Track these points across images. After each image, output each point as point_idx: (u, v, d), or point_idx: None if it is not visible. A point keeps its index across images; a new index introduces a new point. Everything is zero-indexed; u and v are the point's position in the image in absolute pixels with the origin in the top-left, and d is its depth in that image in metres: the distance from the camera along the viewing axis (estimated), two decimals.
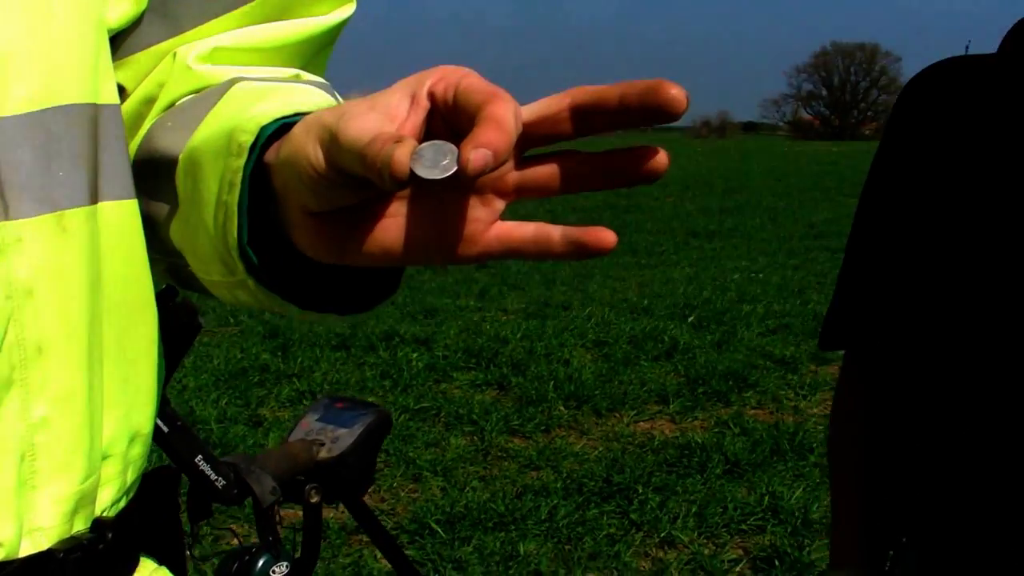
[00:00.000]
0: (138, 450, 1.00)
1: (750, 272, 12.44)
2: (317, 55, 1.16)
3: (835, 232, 16.06)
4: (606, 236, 0.74)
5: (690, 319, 9.54)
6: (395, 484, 5.52)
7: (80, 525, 0.91)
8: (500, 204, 0.78)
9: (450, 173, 0.69)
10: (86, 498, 0.92)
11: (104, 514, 0.95)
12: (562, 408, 6.84)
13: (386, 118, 0.73)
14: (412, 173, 0.68)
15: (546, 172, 0.78)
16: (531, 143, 0.76)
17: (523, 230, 0.77)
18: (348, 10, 1.17)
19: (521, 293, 10.97)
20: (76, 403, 0.89)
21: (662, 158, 0.74)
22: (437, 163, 0.69)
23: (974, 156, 1.46)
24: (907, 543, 1.61)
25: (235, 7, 1.08)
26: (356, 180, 0.73)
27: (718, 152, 54.92)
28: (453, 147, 0.69)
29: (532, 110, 0.76)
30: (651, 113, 0.71)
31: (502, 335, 8.82)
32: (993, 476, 1.43)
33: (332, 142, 0.73)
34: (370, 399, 6.75)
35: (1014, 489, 1.41)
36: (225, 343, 8.59)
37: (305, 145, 0.76)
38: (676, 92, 0.70)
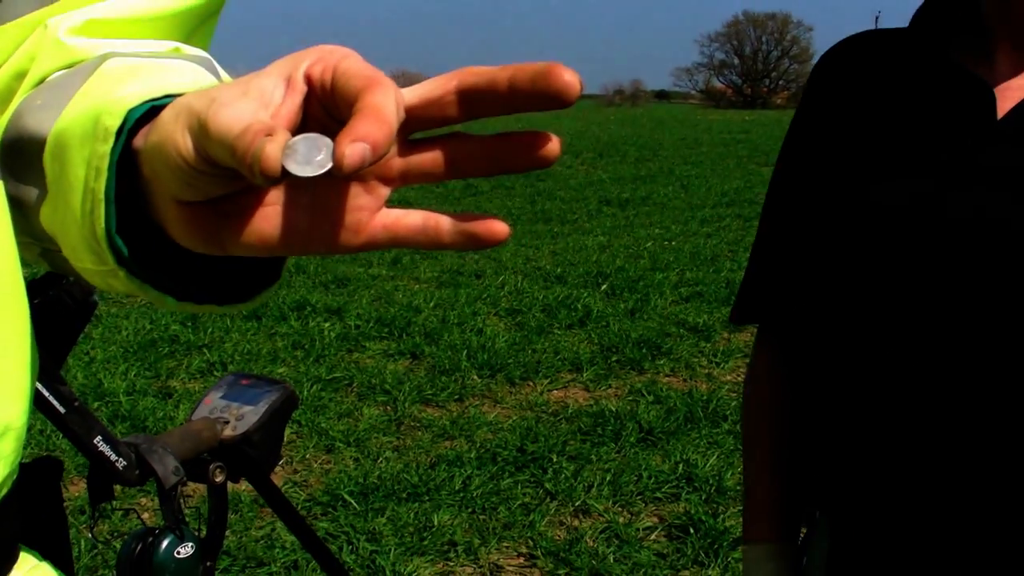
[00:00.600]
0: (11, 445, 0.95)
1: (663, 240, 12.51)
2: (200, 27, 1.10)
3: (747, 200, 16.19)
4: (498, 227, 0.70)
5: (603, 287, 9.58)
6: (307, 456, 5.47)
7: None
8: (384, 191, 0.73)
9: (325, 170, 0.64)
10: None
11: None
12: (475, 377, 6.83)
13: (260, 104, 0.68)
14: (284, 169, 0.63)
15: (432, 156, 0.73)
16: (416, 127, 0.71)
17: (410, 219, 0.72)
18: None
19: (434, 262, 10.94)
20: None
21: (554, 145, 0.70)
22: (311, 159, 0.64)
23: (878, 127, 1.47)
24: (819, 517, 1.61)
25: None
26: (228, 170, 0.68)
27: (631, 120, 55.19)
28: (328, 141, 0.64)
29: (416, 92, 0.71)
30: (542, 98, 0.67)
31: (415, 304, 8.81)
32: (898, 450, 1.44)
33: (201, 131, 0.67)
34: (282, 370, 6.71)
35: (919, 463, 1.42)
36: (134, 314, 8.48)
37: (173, 133, 0.70)
38: (569, 77, 0.65)
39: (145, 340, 7.62)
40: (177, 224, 0.75)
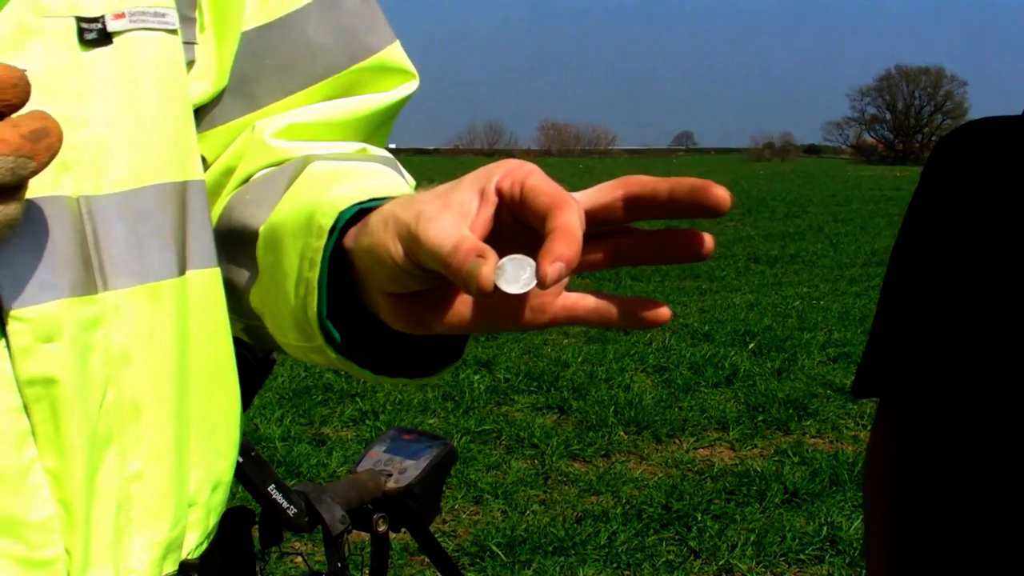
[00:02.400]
0: (220, 497, 1.09)
1: (811, 299, 12.40)
2: (380, 127, 1.24)
3: None
4: (661, 312, 0.82)
5: (751, 346, 9.56)
6: (456, 506, 5.58)
7: (169, 567, 1.00)
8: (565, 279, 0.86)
9: (531, 287, 0.77)
10: (174, 543, 1.01)
11: (189, 556, 1.04)
12: (622, 433, 6.88)
13: (460, 217, 0.81)
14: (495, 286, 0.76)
15: (604, 249, 0.85)
16: (589, 227, 0.82)
17: (586, 302, 0.84)
18: (411, 86, 1.25)
19: None
20: (166, 457, 0.98)
21: (709, 243, 0.81)
22: (518, 278, 0.77)
23: (999, 214, 1.52)
24: None
25: (308, 85, 1.17)
26: (433, 271, 0.81)
27: (780, 175, 54.70)
28: (531, 261, 0.77)
29: (589, 199, 0.83)
30: (698, 209, 0.78)
31: (563, 359, 8.87)
32: (1013, 522, 1.46)
33: (412, 241, 0.80)
34: (432, 421, 6.83)
35: None
36: (289, 362, 8.67)
37: (385, 240, 0.83)
38: (722, 193, 0.77)
39: (300, 387, 7.81)
40: (388, 311, 0.89)
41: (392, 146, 1.26)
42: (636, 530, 5.24)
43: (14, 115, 0.78)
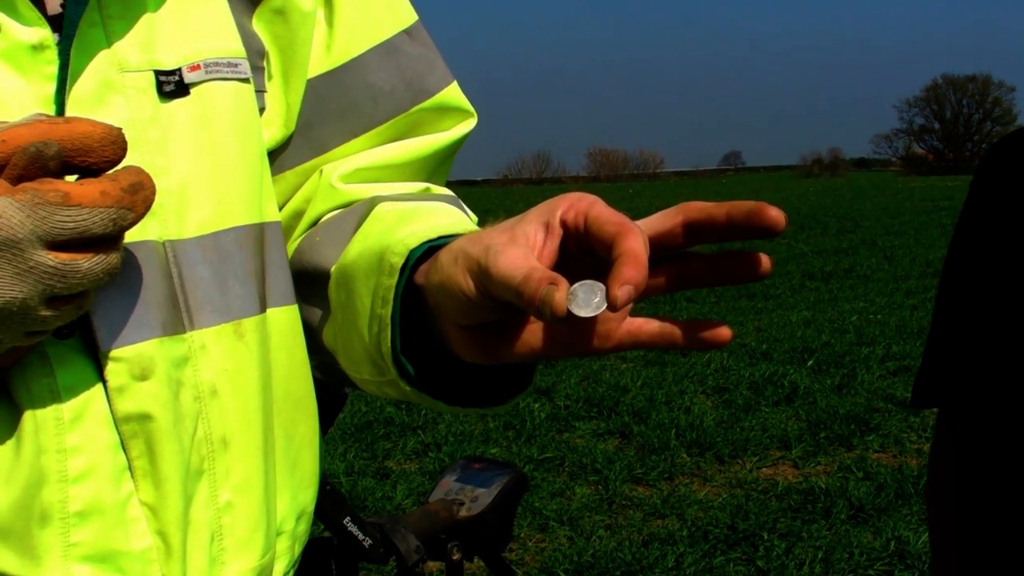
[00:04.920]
0: (304, 526, 1.14)
1: (868, 313, 12.32)
2: (441, 166, 1.29)
3: None
4: (722, 332, 0.86)
5: (809, 363, 9.51)
6: (522, 534, 5.59)
7: None
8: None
9: (602, 310, 0.81)
10: (264, 571, 1.05)
11: None
12: (685, 455, 6.88)
13: (527, 249, 0.85)
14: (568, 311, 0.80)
15: (666, 274, 0.90)
16: (651, 252, 0.86)
17: (650, 326, 0.89)
18: (469, 125, 1.29)
19: None
20: (255, 489, 1.03)
21: (766, 263, 0.86)
22: (589, 302, 0.81)
23: None
24: None
25: (371, 128, 1.22)
26: (502, 302, 0.85)
27: (830, 190, 54.27)
28: (601, 286, 0.81)
29: (650, 226, 0.88)
30: (754, 231, 0.82)
31: (622, 383, 8.86)
32: None
33: (483, 274, 0.85)
34: (494, 450, 6.84)
35: None
36: (351, 396, 8.71)
37: (455, 275, 0.88)
38: (775, 214, 0.81)
39: (361, 422, 7.85)
40: (460, 343, 0.93)
41: None
42: (703, 551, 5.24)
43: (112, 170, 0.83)
